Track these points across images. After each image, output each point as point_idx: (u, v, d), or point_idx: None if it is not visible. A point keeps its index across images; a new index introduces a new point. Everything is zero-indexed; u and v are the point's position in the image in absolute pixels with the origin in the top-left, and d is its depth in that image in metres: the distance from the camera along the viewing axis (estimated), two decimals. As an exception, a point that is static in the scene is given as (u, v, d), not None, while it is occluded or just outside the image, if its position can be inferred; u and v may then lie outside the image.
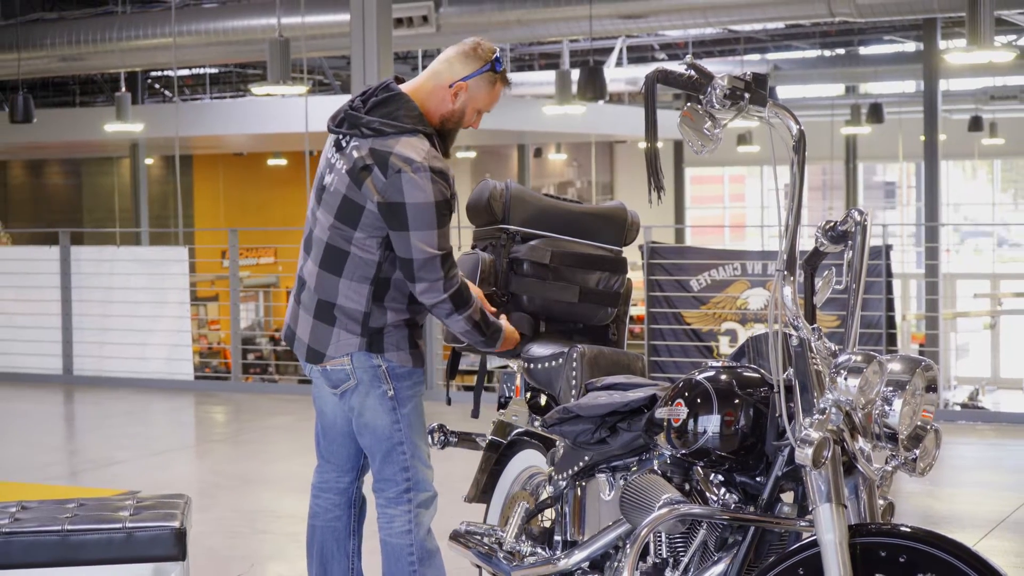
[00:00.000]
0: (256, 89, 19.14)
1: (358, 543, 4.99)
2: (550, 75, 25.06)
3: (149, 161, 29.79)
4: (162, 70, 28.22)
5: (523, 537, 4.72)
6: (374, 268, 4.59)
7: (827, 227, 3.61)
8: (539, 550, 4.61)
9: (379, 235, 4.55)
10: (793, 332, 3.42)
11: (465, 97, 4.63)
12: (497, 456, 5.10)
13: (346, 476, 4.94)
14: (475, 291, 4.68)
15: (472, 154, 34.44)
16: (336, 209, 4.59)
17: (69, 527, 4.16)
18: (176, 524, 4.20)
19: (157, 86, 31.83)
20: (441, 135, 4.65)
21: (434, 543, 4.77)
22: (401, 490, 4.68)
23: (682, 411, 3.74)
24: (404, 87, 4.66)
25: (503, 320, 4.72)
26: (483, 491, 5.14)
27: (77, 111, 29.46)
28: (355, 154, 4.55)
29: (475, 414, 5.15)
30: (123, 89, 23.89)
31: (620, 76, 26.16)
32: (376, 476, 4.75)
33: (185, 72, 30.09)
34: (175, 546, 4.17)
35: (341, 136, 4.63)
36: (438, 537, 4.80)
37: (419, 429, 4.74)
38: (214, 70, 30.64)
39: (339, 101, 24.09)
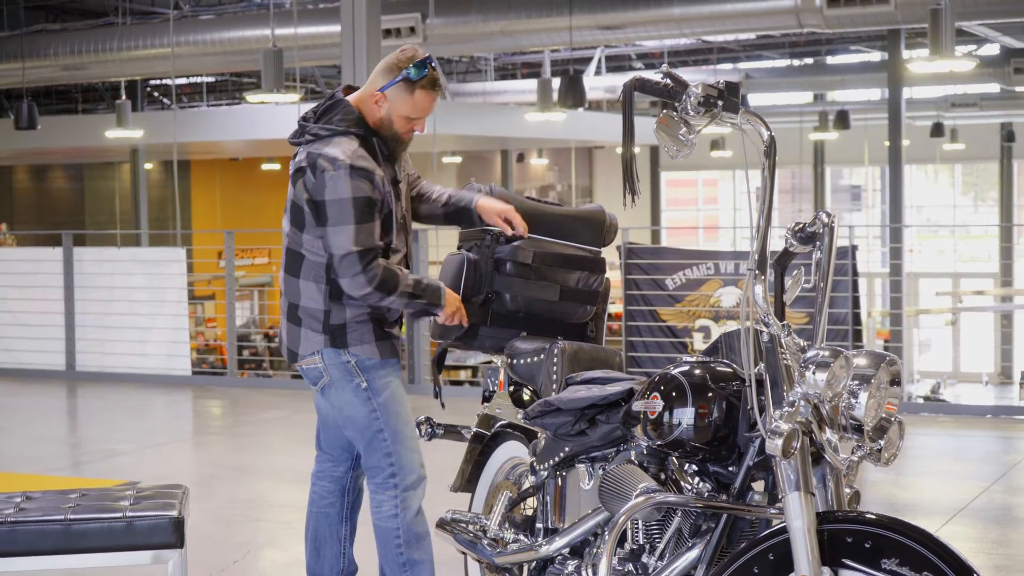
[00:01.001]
0: (251, 97, 19.17)
1: (350, 529, 5.04)
2: (532, 83, 25.08)
3: (148, 166, 29.75)
4: (161, 79, 28.20)
5: (506, 525, 4.72)
6: (324, 268, 4.67)
7: (796, 228, 3.61)
8: (522, 537, 4.61)
9: (321, 235, 4.61)
10: (764, 328, 3.42)
11: (388, 106, 4.68)
12: (481, 447, 5.10)
13: (340, 466, 5.01)
14: (487, 205, 4.79)
15: (457, 159, 34.45)
16: (289, 214, 4.71)
17: (72, 516, 4.15)
18: (174, 513, 4.19)
19: (156, 94, 31.78)
20: (383, 139, 4.71)
21: (423, 526, 4.79)
22: (387, 475, 4.73)
23: (658, 404, 3.74)
24: (352, 94, 4.76)
25: (448, 290, 4.73)
26: (468, 481, 5.14)
27: (79, 118, 29.39)
28: (296, 158, 4.68)
29: (442, 403, 5.18)
30: (123, 97, 23.87)
31: (599, 84, 26.18)
32: (364, 465, 4.81)
33: (183, 81, 30.06)
34: (173, 534, 4.16)
35: (295, 146, 4.75)
36: (425, 525, 4.81)
37: (398, 415, 4.77)
38: (210, 79, 30.62)
39: (330, 108, 23.91)
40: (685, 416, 3.69)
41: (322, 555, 5.02)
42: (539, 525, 4.59)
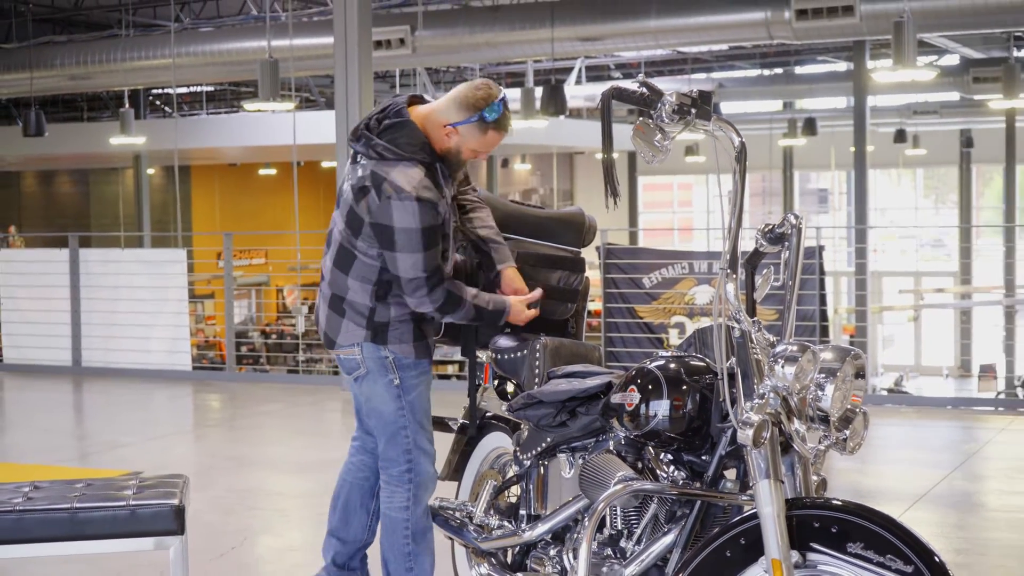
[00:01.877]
0: (248, 105, 19.11)
1: (378, 505, 5.01)
2: (515, 92, 25.02)
3: (151, 171, 29.68)
4: (162, 88, 28.11)
5: (491, 512, 4.72)
6: (376, 271, 4.61)
7: (766, 230, 3.62)
8: (506, 523, 4.61)
9: (378, 246, 4.55)
10: (735, 325, 3.43)
11: (458, 139, 4.56)
12: (467, 438, 5.10)
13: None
14: (510, 277, 4.73)
15: (445, 164, 34.36)
16: (345, 216, 4.61)
17: (78, 505, 4.14)
18: (175, 502, 4.19)
19: (158, 103, 31.72)
20: (447, 163, 4.62)
21: (429, 521, 4.78)
22: (403, 470, 4.71)
23: (635, 396, 3.74)
24: (418, 111, 4.59)
25: (511, 298, 4.69)
26: (455, 470, 5.14)
27: (85, 126, 29.33)
28: (359, 172, 4.54)
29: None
30: (127, 105, 23.85)
31: (579, 93, 26.19)
32: (381, 456, 4.77)
33: (183, 90, 30.00)
34: (175, 522, 4.15)
35: (356, 151, 4.63)
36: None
37: (423, 415, 4.75)
38: (210, 88, 30.57)
39: (324, 116, 23.99)
40: (661, 408, 3.69)
41: (350, 522, 5.00)
42: (522, 512, 4.59)
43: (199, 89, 30.54)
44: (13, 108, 28.86)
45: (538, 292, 4.74)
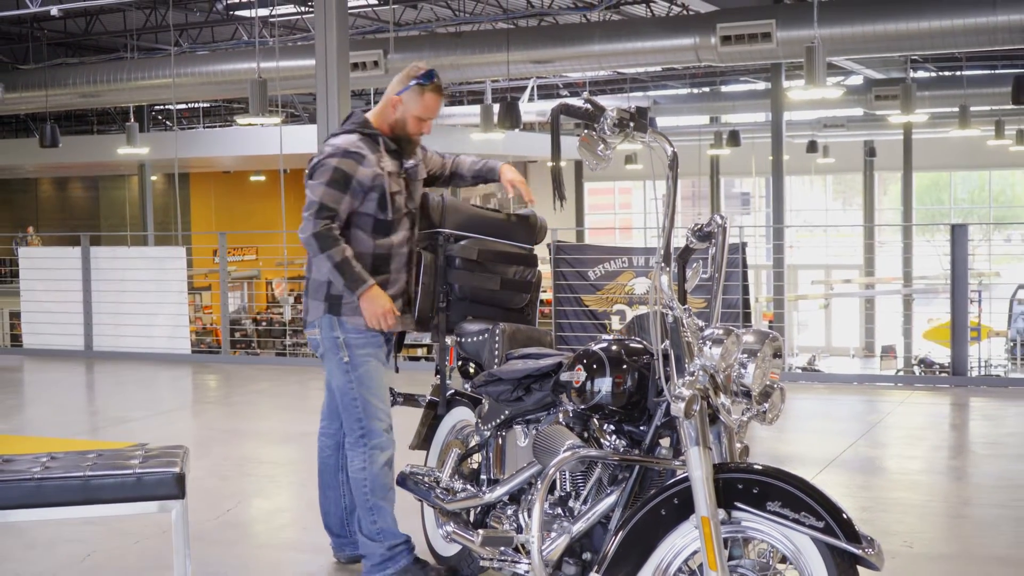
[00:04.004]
0: (240, 120, 19.00)
1: (347, 475, 5.05)
2: (475, 108, 25.07)
3: (154, 178, 29.48)
4: (164, 104, 27.94)
5: (456, 477, 4.72)
6: None
7: (696, 229, 3.63)
8: (468, 487, 4.61)
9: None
10: (669, 312, 3.44)
11: (402, 108, 4.76)
12: (435, 412, 5.10)
13: (334, 423, 5.06)
14: (504, 170, 5.07)
15: (414, 172, 34.23)
16: None
17: (90, 473, 4.11)
18: (177, 469, 4.16)
19: (160, 117, 31.51)
20: (398, 142, 4.76)
21: (388, 478, 4.78)
22: (357, 436, 4.75)
23: (582, 375, 3.75)
24: (374, 108, 4.85)
25: (375, 289, 4.62)
26: (424, 440, 5.14)
27: (95, 138, 29.09)
28: None
29: (396, 368, 5.18)
30: (132, 120, 23.67)
31: (532, 109, 26.20)
32: (344, 426, 4.79)
33: (182, 106, 29.81)
34: (176, 487, 4.13)
35: None
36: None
37: (372, 388, 4.75)
38: (206, 104, 30.38)
39: (307, 130, 23.90)
40: (604, 384, 3.70)
41: (327, 496, 5.12)
42: (483, 476, 4.60)
43: (196, 105, 30.35)
44: (30, 122, 28.63)
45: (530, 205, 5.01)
